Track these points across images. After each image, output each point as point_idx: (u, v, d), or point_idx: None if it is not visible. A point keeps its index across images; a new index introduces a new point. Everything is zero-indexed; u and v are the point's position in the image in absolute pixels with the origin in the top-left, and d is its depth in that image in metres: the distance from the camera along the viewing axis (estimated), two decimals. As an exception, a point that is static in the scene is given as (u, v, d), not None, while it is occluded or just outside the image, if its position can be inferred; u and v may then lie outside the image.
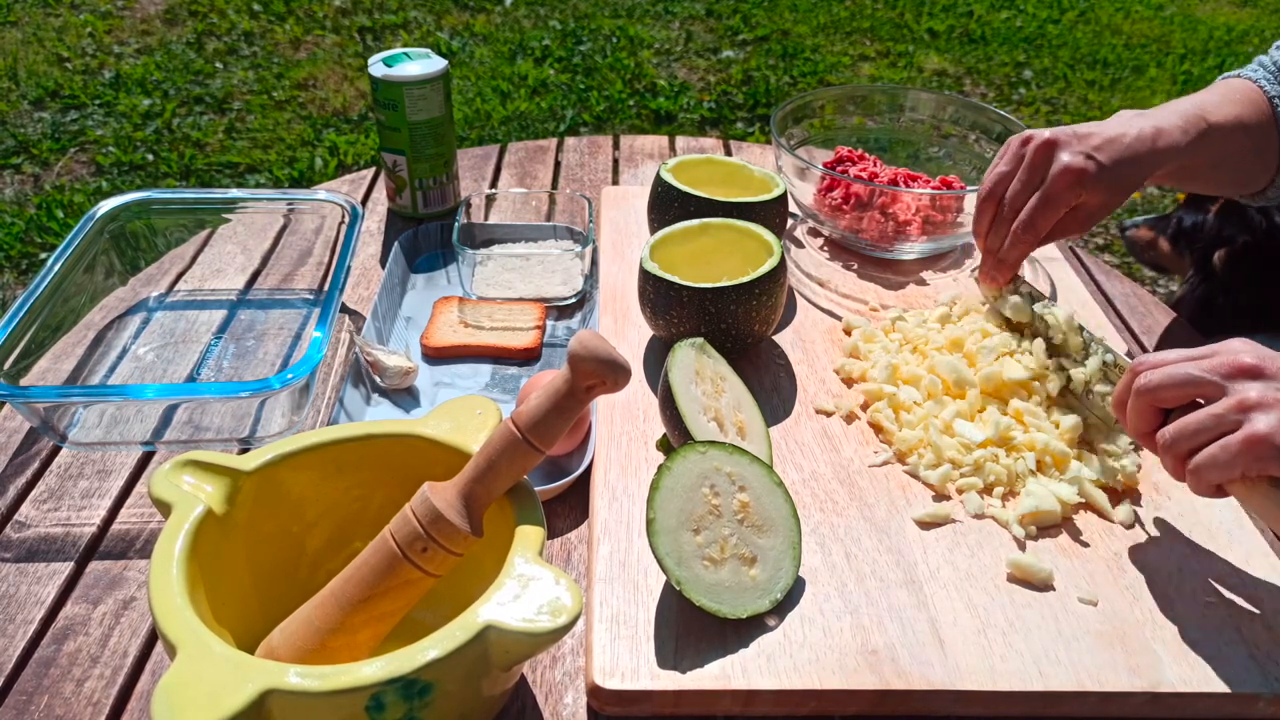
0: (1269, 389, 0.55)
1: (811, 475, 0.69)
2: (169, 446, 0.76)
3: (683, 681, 0.54)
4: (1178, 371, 0.58)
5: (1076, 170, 0.74)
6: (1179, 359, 0.59)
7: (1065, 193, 0.75)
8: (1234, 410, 0.55)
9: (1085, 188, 0.75)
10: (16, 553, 0.67)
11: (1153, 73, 3.29)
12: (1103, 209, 0.77)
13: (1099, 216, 0.78)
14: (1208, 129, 0.78)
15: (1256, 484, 0.55)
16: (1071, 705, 0.55)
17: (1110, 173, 0.75)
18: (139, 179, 2.51)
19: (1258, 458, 0.54)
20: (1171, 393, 0.59)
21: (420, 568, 0.50)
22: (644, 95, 3.05)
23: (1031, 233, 0.76)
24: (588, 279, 0.92)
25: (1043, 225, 0.76)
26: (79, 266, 0.83)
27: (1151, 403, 0.60)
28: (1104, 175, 0.74)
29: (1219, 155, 0.80)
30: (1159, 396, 0.59)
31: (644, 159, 1.21)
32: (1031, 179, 0.76)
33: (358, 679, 0.42)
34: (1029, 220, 0.76)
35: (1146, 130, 0.76)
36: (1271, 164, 0.84)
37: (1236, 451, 0.54)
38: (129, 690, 0.58)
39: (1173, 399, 0.59)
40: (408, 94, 0.96)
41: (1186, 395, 0.58)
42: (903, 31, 3.63)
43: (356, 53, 3.26)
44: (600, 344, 0.48)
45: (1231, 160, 0.82)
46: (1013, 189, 0.77)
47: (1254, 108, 0.82)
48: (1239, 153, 0.82)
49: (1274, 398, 0.55)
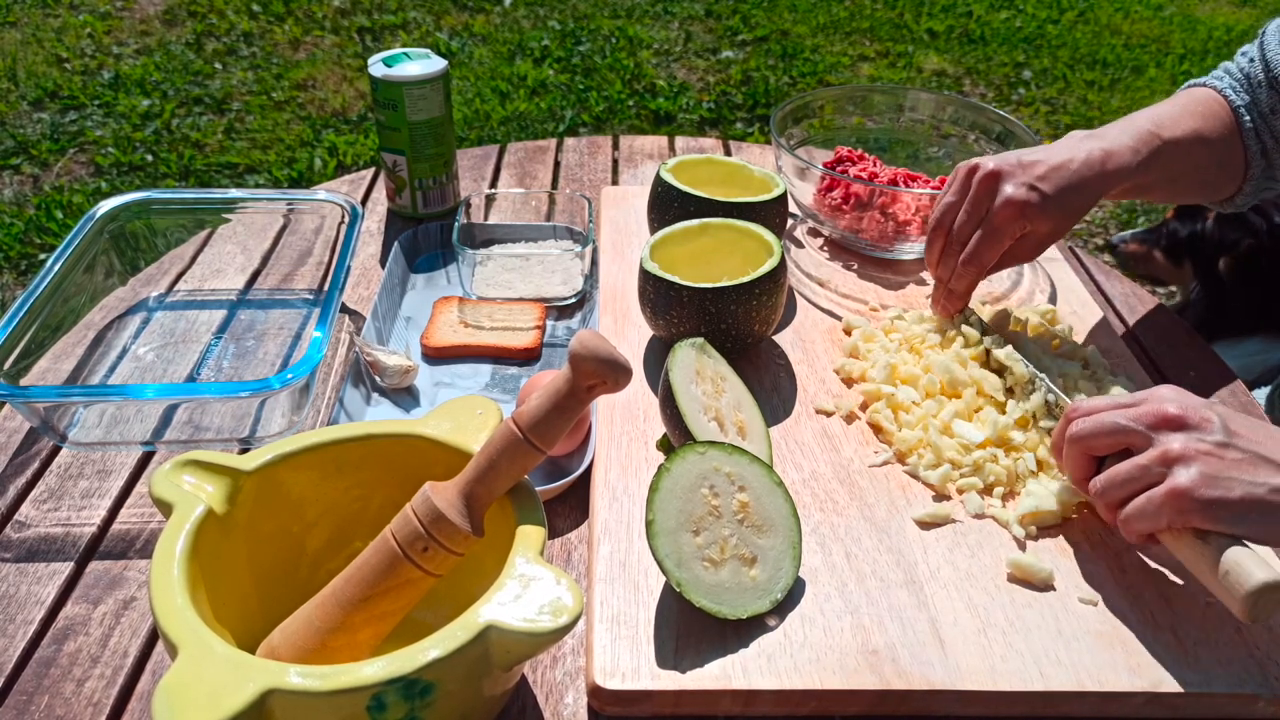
0: (1191, 440, 0.55)
1: (811, 475, 0.69)
2: (169, 446, 0.76)
3: (683, 682, 0.55)
4: (1106, 421, 0.59)
5: (1019, 202, 0.74)
6: (1109, 406, 0.60)
7: (1009, 225, 0.75)
8: (1157, 463, 0.56)
9: (1029, 219, 0.74)
10: (16, 553, 0.67)
11: (1152, 73, 3.29)
12: (1052, 235, 0.77)
13: (1048, 243, 0.78)
14: (1161, 146, 0.77)
15: (1182, 535, 0.56)
16: (1071, 705, 0.55)
17: (1055, 201, 0.74)
18: (138, 179, 2.51)
19: (1180, 511, 0.54)
20: (1101, 441, 0.59)
21: (421, 567, 0.50)
22: (643, 95, 3.05)
23: (977, 264, 0.76)
24: (588, 279, 0.92)
25: (988, 257, 0.76)
26: (79, 267, 0.83)
27: (1084, 450, 0.60)
28: (1049, 204, 0.74)
29: (1176, 171, 0.79)
30: (1089, 445, 0.60)
31: (644, 159, 1.21)
32: (976, 210, 0.76)
33: (359, 679, 0.41)
34: (974, 252, 0.76)
35: (1095, 154, 0.75)
36: (1237, 173, 0.83)
37: (1160, 504, 0.55)
38: (129, 690, 0.58)
39: (1103, 447, 0.60)
40: (407, 94, 0.96)
41: (1116, 444, 0.59)
42: (902, 31, 3.63)
43: (356, 53, 3.26)
44: (601, 344, 0.48)
45: (1191, 174, 0.82)
46: (959, 220, 0.77)
47: (1215, 120, 0.81)
48: (1198, 166, 0.81)
49: (1195, 449, 0.55)
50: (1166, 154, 0.77)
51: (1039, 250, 0.78)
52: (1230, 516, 0.54)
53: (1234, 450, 0.55)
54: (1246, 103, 0.82)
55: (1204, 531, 0.55)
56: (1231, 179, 0.84)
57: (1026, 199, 0.74)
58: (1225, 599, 0.54)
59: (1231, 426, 0.56)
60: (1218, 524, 0.54)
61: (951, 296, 0.79)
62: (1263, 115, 0.82)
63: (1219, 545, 0.54)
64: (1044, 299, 0.91)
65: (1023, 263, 0.79)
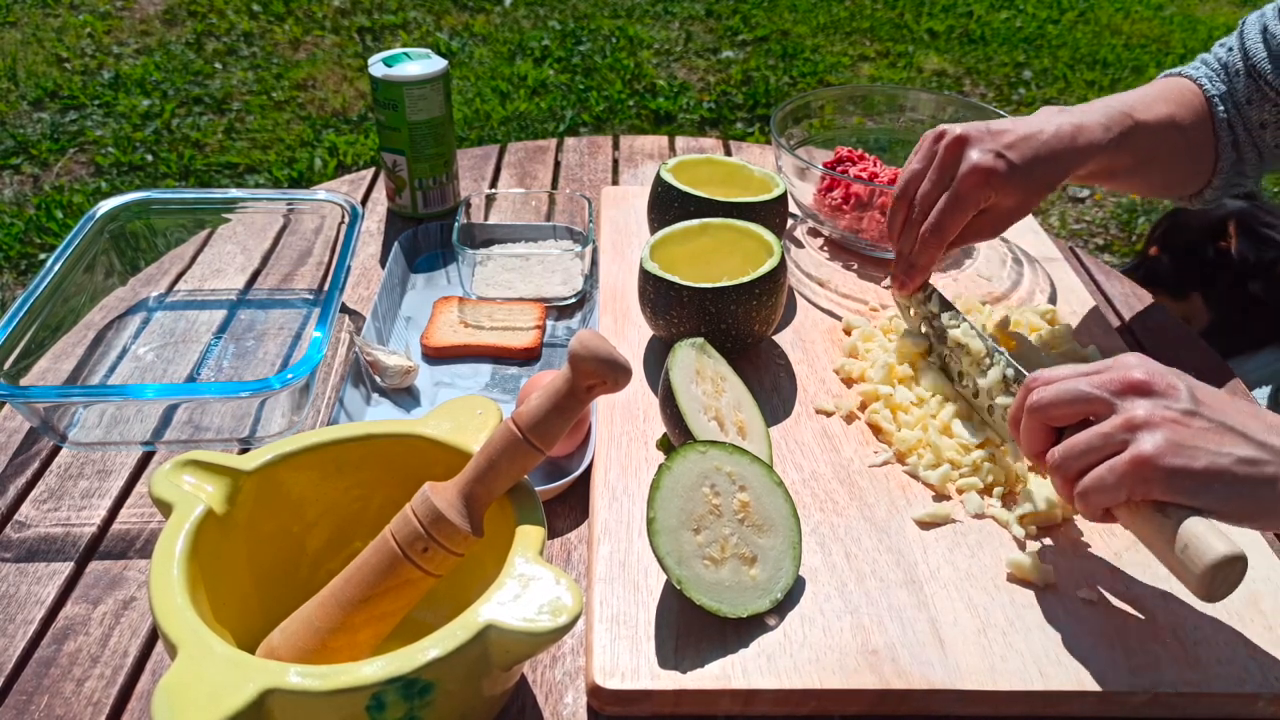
0: (1157, 406, 0.53)
1: (811, 475, 0.69)
2: (169, 446, 0.76)
3: (683, 681, 0.55)
4: (1068, 388, 0.56)
5: (985, 169, 0.72)
6: (1071, 374, 0.57)
7: (973, 192, 0.72)
8: (1121, 429, 0.53)
9: (995, 188, 0.72)
10: (16, 553, 0.67)
11: (1152, 73, 3.29)
12: (1017, 210, 0.75)
13: (1013, 218, 0.76)
14: (1134, 126, 0.76)
15: (1140, 508, 0.53)
16: (1071, 705, 0.55)
17: (1022, 171, 0.72)
18: (138, 179, 2.51)
19: (1142, 479, 0.52)
20: (1062, 410, 0.56)
21: (421, 567, 0.50)
22: (644, 95, 3.05)
23: (939, 235, 0.73)
24: (588, 279, 0.92)
25: (950, 227, 0.73)
26: (79, 266, 0.83)
27: (1043, 421, 0.58)
28: (1015, 174, 0.72)
29: (1147, 154, 0.78)
30: (1050, 414, 0.57)
31: (644, 159, 1.21)
32: (941, 178, 0.74)
33: (358, 678, 0.42)
34: (936, 222, 0.73)
35: (1065, 127, 0.73)
36: (1207, 166, 0.83)
37: (1122, 473, 0.52)
38: (129, 690, 0.58)
39: (1063, 417, 0.57)
40: (408, 94, 0.96)
41: (1077, 413, 0.56)
42: (902, 32, 3.63)
43: (356, 53, 3.26)
44: (601, 344, 0.48)
45: (1162, 160, 0.81)
46: (923, 189, 0.75)
47: (1188, 108, 0.80)
48: (1170, 152, 0.80)
49: (1161, 416, 0.53)
50: (1139, 135, 0.76)
51: (1002, 226, 0.76)
52: (1193, 486, 0.51)
53: (1200, 419, 0.53)
54: (1222, 92, 0.81)
55: (1163, 504, 0.52)
56: (1201, 170, 0.83)
57: (993, 166, 0.72)
58: (1182, 575, 0.52)
59: (1198, 395, 0.54)
60: (1180, 494, 0.52)
61: (912, 271, 0.76)
62: (1238, 105, 0.81)
63: (1178, 518, 0.52)
64: (1044, 299, 0.91)
65: (984, 239, 0.77)
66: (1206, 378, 0.86)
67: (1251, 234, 1.31)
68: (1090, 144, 0.73)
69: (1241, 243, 1.31)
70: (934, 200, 0.74)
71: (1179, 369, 0.56)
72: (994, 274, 0.95)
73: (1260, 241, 1.31)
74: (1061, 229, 2.52)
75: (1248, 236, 1.31)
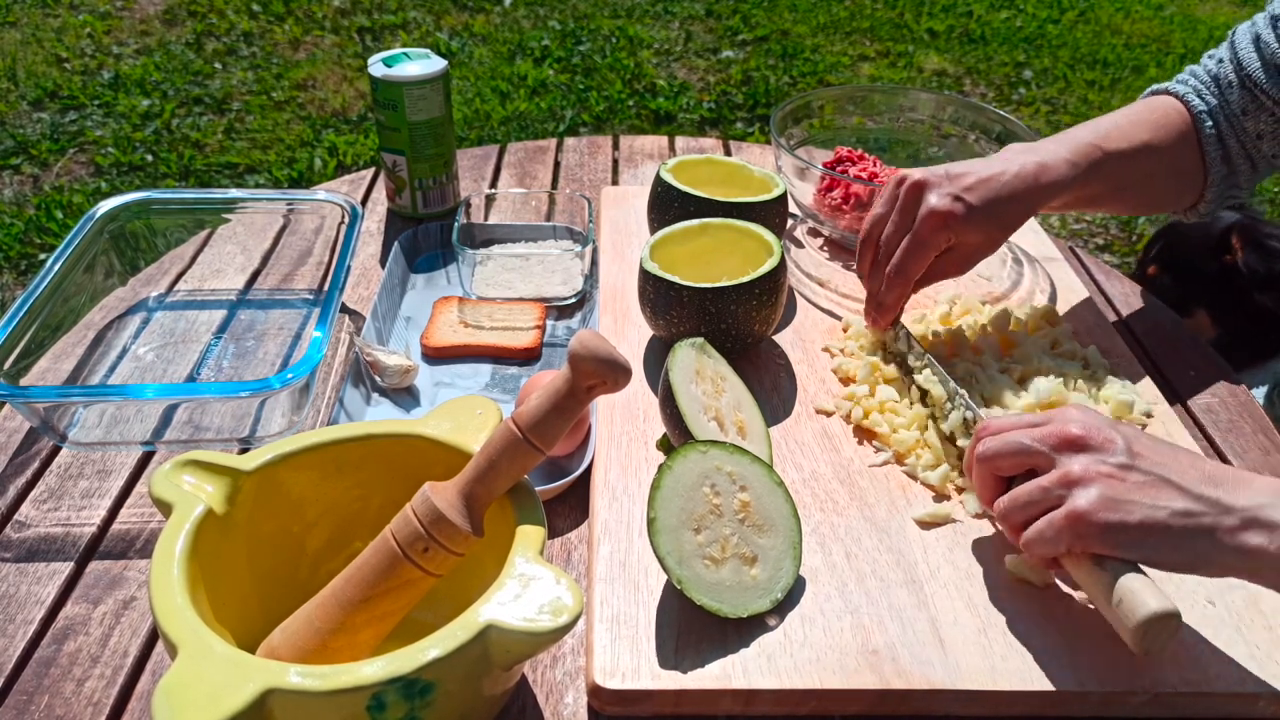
0: (1092, 462, 0.54)
1: (811, 475, 0.69)
2: (169, 446, 0.76)
3: (683, 681, 0.55)
4: (1011, 441, 0.58)
5: (943, 213, 0.73)
6: (1015, 425, 0.59)
7: (933, 236, 0.73)
8: (1058, 484, 0.54)
9: (954, 230, 0.73)
10: (16, 553, 0.67)
11: (1152, 73, 3.29)
12: (983, 248, 0.76)
13: (979, 256, 0.77)
14: (1102, 158, 0.76)
15: (1081, 560, 0.54)
16: (1071, 705, 0.55)
17: (982, 212, 0.73)
18: (138, 179, 2.51)
19: (1079, 535, 0.53)
20: (1006, 462, 0.58)
21: (421, 567, 0.50)
22: (644, 95, 3.05)
23: (903, 277, 0.75)
24: (588, 279, 0.92)
25: (913, 269, 0.75)
26: (79, 266, 0.83)
27: (991, 470, 0.59)
28: (974, 215, 0.73)
29: (1120, 181, 0.78)
30: (996, 465, 0.59)
31: (644, 159, 1.21)
32: (903, 222, 0.75)
33: (359, 679, 0.42)
34: (899, 265, 0.75)
35: (1029, 167, 0.74)
36: (1195, 182, 0.83)
37: (1060, 527, 0.53)
38: (129, 690, 0.58)
39: (1008, 468, 0.59)
40: (407, 94, 0.96)
41: (1021, 465, 0.58)
42: (903, 31, 3.63)
43: (356, 53, 3.26)
44: (600, 344, 0.48)
45: (1140, 184, 0.81)
46: (886, 232, 0.77)
47: (1167, 129, 0.80)
48: (1148, 176, 0.80)
49: (1096, 471, 0.54)
50: (1109, 166, 0.76)
51: (969, 263, 0.77)
52: (1129, 541, 0.52)
53: (1136, 472, 0.53)
54: (1212, 107, 0.81)
55: (1101, 557, 0.53)
56: (1189, 187, 0.83)
57: (950, 209, 0.73)
58: (1118, 628, 0.53)
59: (1135, 448, 0.55)
60: (1116, 548, 0.53)
61: (882, 309, 0.78)
62: (1231, 117, 0.81)
63: (1115, 571, 0.53)
64: (1044, 299, 0.91)
65: (952, 276, 0.78)
66: (1206, 377, 0.87)
67: (1258, 246, 1.30)
68: (1054, 181, 0.74)
69: (1248, 255, 1.30)
70: (897, 243, 0.75)
71: (1179, 368, 0.56)
72: (994, 274, 0.95)
73: (1268, 254, 1.30)
74: (1061, 229, 2.52)
75: (1254, 249, 1.29)
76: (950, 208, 0.73)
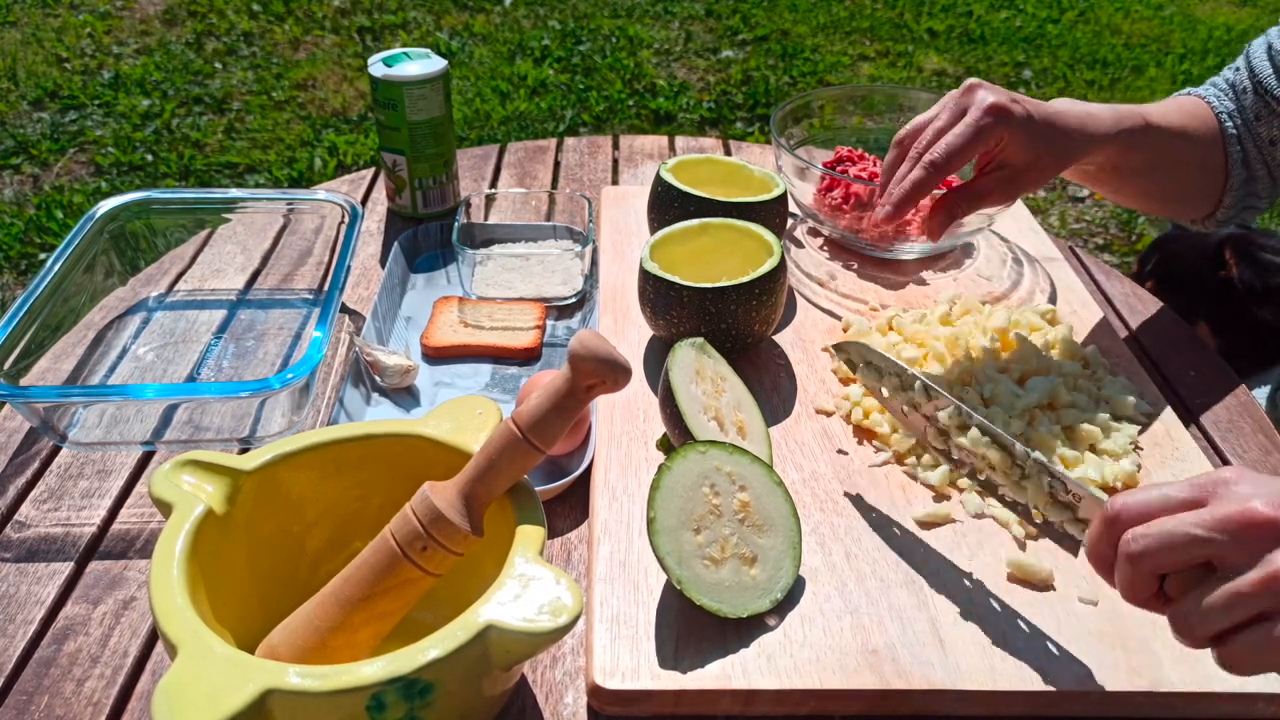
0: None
1: (811, 475, 0.69)
2: (169, 446, 0.76)
3: (683, 681, 0.55)
4: (1176, 532, 0.45)
5: (1000, 105, 0.71)
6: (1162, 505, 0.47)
7: (983, 125, 0.70)
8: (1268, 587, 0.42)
9: (1008, 127, 0.71)
10: (16, 553, 0.67)
11: (1152, 72, 3.29)
12: (1027, 173, 0.74)
13: (1024, 183, 0.74)
14: (1145, 127, 0.77)
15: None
16: (1071, 705, 0.55)
17: (1034, 126, 0.71)
18: (138, 179, 2.51)
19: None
20: (1170, 558, 0.46)
21: (420, 567, 0.50)
22: (644, 95, 3.05)
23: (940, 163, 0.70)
24: (588, 279, 0.92)
25: (955, 157, 0.70)
26: (79, 266, 0.83)
27: (1150, 570, 0.47)
28: (1029, 123, 0.71)
29: (1156, 158, 0.80)
30: (1157, 563, 0.46)
31: (644, 159, 1.21)
32: (954, 115, 0.72)
33: (358, 679, 0.42)
34: (942, 149, 0.70)
35: (1077, 109, 0.75)
36: (1217, 182, 0.84)
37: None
38: (129, 690, 0.58)
39: (1173, 564, 0.46)
40: (408, 94, 0.96)
41: (1191, 560, 0.45)
42: (902, 31, 3.63)
43: (356, 53, 3.26)
44: (600, 344, 0.48)
45: (1171, 165, 0.82)
46: (935, 124, 0.73)
47: (1200, 121, 0.83)
48: (1180, 162, 0.82)
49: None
50: (1150, 137, 0.78)
51: (1013, 188, 0.74)
52: None
53: None
54: (1230, 109, 0.84)
55: None
56: (1212, 187, 0.85)
57: (1006, 104, 0.71)
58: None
59: None
60: None
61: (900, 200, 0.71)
62: (1247, 122, 0.84)
63: None
64: (1044, 299, 0.91)
65: (995, 200, 0.74)
66: (1207, 378, 0.87)
67: (1252, 260, 1.29)
68: (1100, 131, 0.75)
69: (1243, 270, 1.30)
70: (944, 133, 0.72)
71: (1179, 369, 0.55)
72: (994, 274, 0.95)
73: (1263, 268, 1.29)
74: (1061, 229, 2.52)
75: (1248, 263, 1.29)
76: (1007, 103, 0.71)
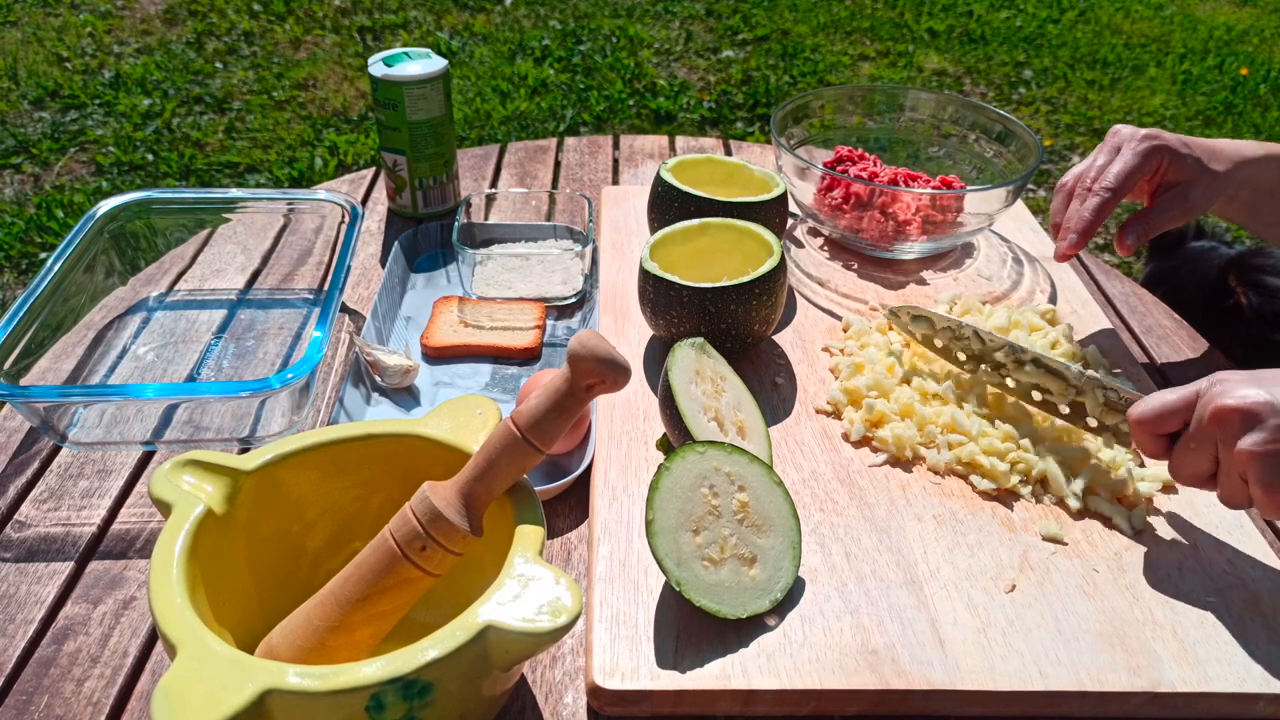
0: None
1: (811, 475, 0.69)
2: (169, 446, 0.76)
3: (683, 681, 0.55)
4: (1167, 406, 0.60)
5: (1152, 133, 0.79)
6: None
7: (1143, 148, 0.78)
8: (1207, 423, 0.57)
9: (1165, 149, 0.79)
10: (16, 553, 0.67)
11: (1152, 72, 3.29)
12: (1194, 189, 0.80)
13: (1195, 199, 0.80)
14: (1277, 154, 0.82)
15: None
16: (1071, 705, 0.55)
17: (1187, 147, 0.79)
18: (139, 179, 2.51)
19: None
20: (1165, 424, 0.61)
21: (420, 567, 0.50)
22: (644, 95, 3.05)
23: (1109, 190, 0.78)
24: (588, 279, 0.92)
25: (1122, 185, 0.78)
26: (79, 266, 0.83)
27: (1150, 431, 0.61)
28: (1182, 146, 0.79)
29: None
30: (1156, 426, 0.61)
31: (644, 159, 1.21)
32: (1112, 155, 0.81)
33: (358, 679, 0.42)
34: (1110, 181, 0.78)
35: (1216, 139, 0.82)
36: None
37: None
38: (129, 690, 0.58)
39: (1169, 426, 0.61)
40: (408, 94, 0.96)
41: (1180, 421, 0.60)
42: (903, 31, 3.63)
43: (356, 53, 3.26)
44: (600, 344, 0.48)
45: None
46: (1097, 164, 0.81)
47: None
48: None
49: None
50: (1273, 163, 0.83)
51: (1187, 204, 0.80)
52: None
53: None
54: None
55: None
56: None
57: (1159, 132, 0.79)
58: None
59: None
60: None
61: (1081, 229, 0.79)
62: None
63: None
64: (1044, 299, 0.91)
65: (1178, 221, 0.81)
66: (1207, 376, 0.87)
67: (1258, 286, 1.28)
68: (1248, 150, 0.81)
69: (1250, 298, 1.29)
70: (1106, 169, 0.80)
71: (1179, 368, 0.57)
72: (994, 274, 0.95)
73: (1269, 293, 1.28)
74: (1062, 229, 2.51)
75: (1254, 290, 1.28)
76: (1158, 131, 0.80)
